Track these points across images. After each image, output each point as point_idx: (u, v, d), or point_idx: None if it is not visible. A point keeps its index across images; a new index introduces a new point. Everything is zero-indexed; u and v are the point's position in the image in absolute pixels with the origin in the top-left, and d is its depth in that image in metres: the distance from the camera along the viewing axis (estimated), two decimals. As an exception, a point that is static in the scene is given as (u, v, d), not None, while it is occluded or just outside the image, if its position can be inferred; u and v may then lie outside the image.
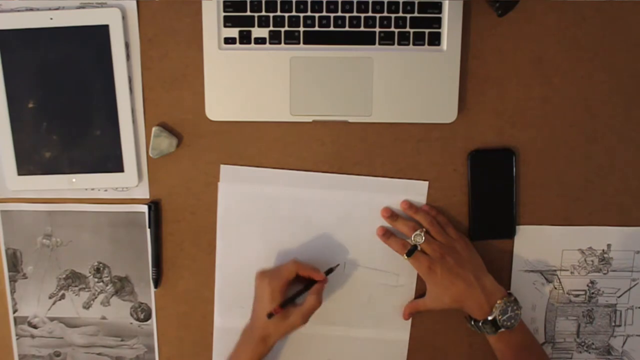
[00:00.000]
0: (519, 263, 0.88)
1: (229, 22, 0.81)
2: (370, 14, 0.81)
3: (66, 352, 0.91)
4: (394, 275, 0.87)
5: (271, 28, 0.81)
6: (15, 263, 0.88)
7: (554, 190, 0.87)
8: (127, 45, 0.83)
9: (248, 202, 0.86)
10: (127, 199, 0.87)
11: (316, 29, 0.81)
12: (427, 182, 0.86)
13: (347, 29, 0.81)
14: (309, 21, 0.81)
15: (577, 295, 0.90)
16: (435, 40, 0.82)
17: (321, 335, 0.89)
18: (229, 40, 0.82)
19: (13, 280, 0.89)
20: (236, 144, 0.85)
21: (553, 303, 0.89)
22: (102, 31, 0.81)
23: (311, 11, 0.80)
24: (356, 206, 0.86)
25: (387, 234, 0.85)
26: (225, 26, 0.81)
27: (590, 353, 0.91)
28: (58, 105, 0.83)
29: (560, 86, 0.85)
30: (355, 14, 0.81)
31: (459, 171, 0.86)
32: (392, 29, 0.81)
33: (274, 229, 0.87)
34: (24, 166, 0.84)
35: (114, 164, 0.84)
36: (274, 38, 0.81)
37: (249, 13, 0.81)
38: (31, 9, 0.81)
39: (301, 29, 0.81)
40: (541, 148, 0.86)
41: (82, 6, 0.81)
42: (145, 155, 0.85)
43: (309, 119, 0.83)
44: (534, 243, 0.88)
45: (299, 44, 0.81)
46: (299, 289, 0.82)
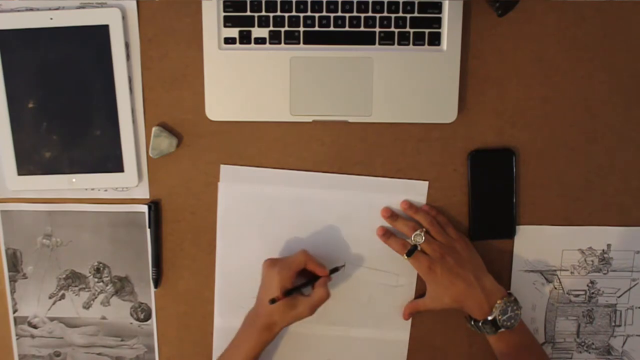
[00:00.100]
0: (519, 263, 0.88)
1: (229, 22, 0.81)
2: (370, 14, 0.81)
3: (66, 352, 0.91)
4: (394, 275, 0.87)
5: (271, 28, 0.81)
6: (15, 263, 0.88)
7: (554, 190, 0.87)
8: (127, 45, 0.83)
9: (248, 202, 0.86)
10: (127, 199, 0.87)
11: (316, 29, 0.81)
12: (427, 182, 0.86)
13: (347, 29, 0.81)
14: (309, 21, 0.81)
15: (577, 295, 0.90)
16: (435, 40, 0.82)
17: (321, 335, 0.89)
18: (229, 40, 0.82)
19: (13, 280, 0.89)
20: (236, 144, 0.85)
21: (553, 303, 0.89)
22: (102, 31, 0.81)
23: (311, 11, 0.80)
24: (356, 206, 0.86)
25: (387, 234, 0.85)
26: (225, 26, 0.81)
27: (590, 353, 0.91)
28: (58, 105, 0.83)
29: (560, 86, 0.85)
30: (355, 14, 0.81)
31: (459, 171, 0.86)
32: (392, 29, 0.81)
33: (274, 229, 0.87)
34: (24, 166, 0.84)
35: (114, 164, 0.84)
36: (274, 38, 0.81)
37: (249, 13, 0.81)
38: (31, 9, 0.81)
39: (301, 29, 0.81)
40: (541, 148, 0.86)
41: (82, 6, 0.81)
42: (145, 155, 0.85)
43: (309, 119, 0.83)
44: (534, 243, 0.88)
45: (299, 44, 0.81)
46: (302, 280, 0.82)
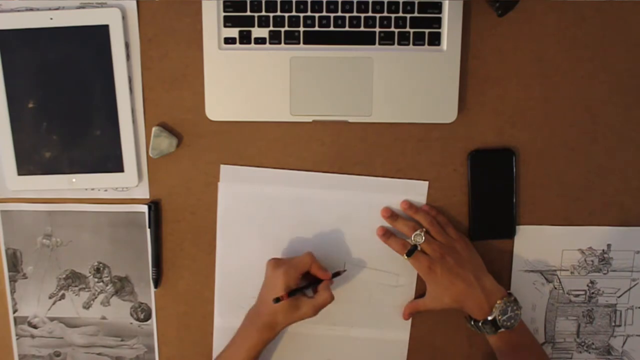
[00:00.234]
0: (519, 263, 0.88)
1: (229, 22, 0.81)
2: (370, 14, 0.81)
3: (66, 352, 0.91)
4: (394, 275, 0.87)
5: (271, 28, 0.81)
6: (15, 263, 0.88)
7: (554, 190, 0.87)
8: (127, 45, 0.83)
9: (248, 202, 0.86)
10: (127, 199, 0.87)
11: (316, 29, 0.81)
12: (427, 182, 0.86)
13: (347, 29, 0.81)
14: (309, 21, 0.81)
15: (577, 295, 0.90)
16: (435, 40, 0.82)
17: (321, 335, 0.89)
18: (229, 40, 0.82)
19: (13, 280, 0.89)
20: (236, 144, 0.85)
21: (553, 303, 0.89)
22: (102, 31, 0.81)
23: (311, 11, 0.80)
24: (356, 206, 0.86)
25: (387, 234, 0.85)
26: (225, 26, 0.81)
27: (590, 353, 0.91)
28: (58, 105, 0.83)
29: (560, 86, 0.85)
30: (355, 14, 0.81)
31: (459, 171, 0.86)
32: (392, 29, 0.81)
33: (274, 229, 0.87)
34: (24, 166, 0.84)
35: (114, 164, 0.84)
36: (274, 38, 0.81)
37: (249, 13, 0.81)
38: (31, 9, 0.81)
39: (301, 29, 0.81)
40: (541, 148, 0.86)
41: (82, 6, 0.81)
42: (145, 155, 0.85)
43: (309, 119, 0.83)
44: (534, 243, 0.88)
45: (299, 44, 0.81)
46: (303, 282, 0.82)
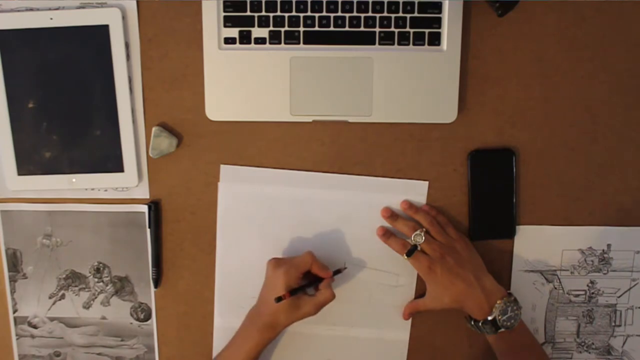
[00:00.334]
0: (519, 263, 0.88)
1: (229, 22, 0.81)
2: (370, 14, 0.81)
3: (66, 352, 0.91)
4: (394, 275, 0.87)
5: (271, 28, 0.81)
6: (15, 263, 0.88)
7: (554, 190, 0.87)
8: (127, 45, 0.83)
9: (248, 202, 0.86)
10: (127, 199, 0.87)
11: (316, 29, 0.81)
12: (427, 182, 0.86)
13: (347, 29, 0.81)
14: (309, 21, 0.81)
15: (577, 295, 0.90)
16: (435, 40, 0.82)
17: (321, 335, 0.89)
18: (229, 40, 0.81)
19: (13, 280, 0.89)
20: (236, 144, 0.85)
21: (553, 303, 0.89)
22: (102, 31, 0.81)
23: (311, 11, 0.80)
24: (356, 206, 0.86)
25: (387, 234, 0.85)
26: (225, 26, 0.81)
27: (590, 353, 0.91)
28: (58, 105, 0.83)
29: (560, 86, 0.85)
30: (355, 14, 0.81)
31: (459, 171, 0.86)
32: (392, 29, 0.81)
33: (274, 229, 0.87)
34: (24, 166, 0.84)
35: (114, 164, 0.84)
36: (274, 38, 0.81)
37: (249, 13, 0.81)
38: (31, 9, 0.81)
39: (301, 29, 0.81)
40: (541, 148, 0.86)
41: (82, 6, 0.81)
42: (145, 155, 0.85)
43: (309, 119, 0.83)
44: (534, 243, 0.88)
45: (299, 44, 0.81)
46: (304, 281, 0.82)
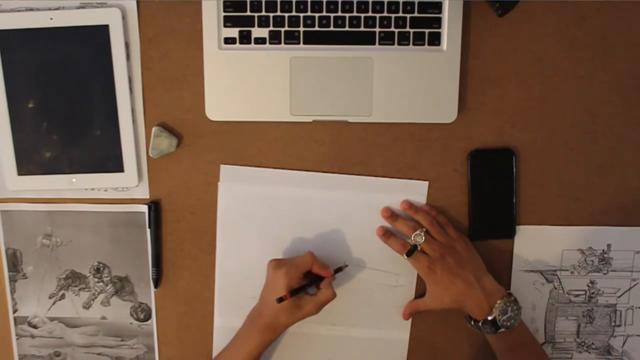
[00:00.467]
0: (519, 263, 0.88)
1: (229, 22, 0.81)
2: (370, 14, 0.81)
3: (66, 352, 0.91)
4: (394, 275, 0.87)
5: (271, 28, 0.81)
6: (15, 263, 0.88)
7: (554, 190, 0.87)
8: (127, 45, 0.83)
9: (248, 202, 0.86)
10: (127, 199, 0.87)
11: (316, 29, 0.81)
12: (427, 182, 0.86)
13: (347, 29, 0.81)
14: (309, 21, 0.81)
15: (577, 295, 0.90)
16: (435, 40, 0.82)
17: (321, 335, 0.89)
18: (229, 40, 0.81)
19: (13, 280, 0.89)
20: (236, 144, 0.85)
21: (553, 303, 0.89)
22: (102, 31, 0.81)
23: (311, 11, 0.80)
24: (356, 206, 0.86)
25: (387, 234, 0.85)
26: (225, 26, 0.81)
27: (590, 353, 0.91)
28: (58, 105, 0.83)
29: (560, 86, 0.85)
30: (355, 14, 0.81)
31: (459, 171, 0.86)
32: (392, 29, 0.81)
33: (274, 229, 0.87)
34: (24, 166, 0.84)
35: (114, 164, 0.84)
36: (274, 38, 0.81)
37: (249, 13, 0.81)
38: (31, 9, 0.81)
39: (301, 29, 0.81)
40: (541, 148, 0.86)
41: (82, 6, 0.81)
42: (145, 155, 0.85)
43: (309, 119, 0.83)
44: (534, 243, 0.88)
45: (299, 44, 0.81)
46: (305, 281, 0.82)
